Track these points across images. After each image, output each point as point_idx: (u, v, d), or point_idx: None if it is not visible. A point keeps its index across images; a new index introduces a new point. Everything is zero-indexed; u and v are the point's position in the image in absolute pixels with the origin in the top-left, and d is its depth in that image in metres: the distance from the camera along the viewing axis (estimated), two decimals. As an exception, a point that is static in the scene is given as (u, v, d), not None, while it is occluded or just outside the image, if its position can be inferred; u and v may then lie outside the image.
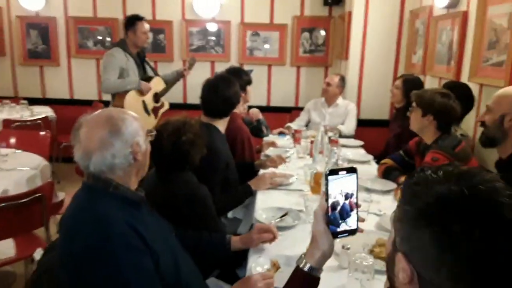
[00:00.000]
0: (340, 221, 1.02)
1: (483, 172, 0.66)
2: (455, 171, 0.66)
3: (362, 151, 3.29)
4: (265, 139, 3.44)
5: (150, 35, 3.98)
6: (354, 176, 1.03)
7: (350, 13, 4.35)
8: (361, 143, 3.50)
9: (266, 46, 5.08)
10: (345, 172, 1.02)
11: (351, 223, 1.03)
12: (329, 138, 2.96)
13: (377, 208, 2.03)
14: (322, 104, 4.13)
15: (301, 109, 4.43)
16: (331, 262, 1.57)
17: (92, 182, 1.30)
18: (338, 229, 1.03)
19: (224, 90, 2.33)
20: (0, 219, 2.08)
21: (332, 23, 4.99)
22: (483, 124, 1.80)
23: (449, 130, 2.22)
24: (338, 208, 1.02)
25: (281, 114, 4.96)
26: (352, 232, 1.04)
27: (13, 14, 5.12)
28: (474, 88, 2.75)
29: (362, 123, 4.23)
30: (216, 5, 4.93)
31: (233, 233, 1.85)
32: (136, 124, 1.34)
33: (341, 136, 3.64)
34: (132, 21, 3.77)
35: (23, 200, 2.14)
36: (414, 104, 2.28)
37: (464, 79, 2.95)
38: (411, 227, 0.67)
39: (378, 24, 4.27)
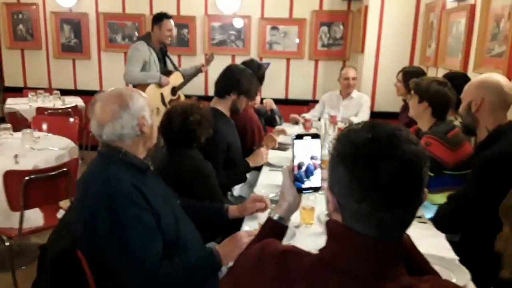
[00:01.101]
0: (305, 179, 1.18)
1: (391, 124, 0.83)
2: (370, 124, 0.83)
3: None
4: (277, 127, 3.60)
5: (175, 31, 4.22)
6: (318, 141, 1.18)
7: (366, 7, 4.45)
8: (370, 132, 3.60)
9: (297, 40, 5.21)
10: (310, 137, 1.18)
11: (314, 181, 1.18)
12: (338, 127, 3.10)
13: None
14: (337, 96, 4.25)
15: (318, 102, 4.56)
16: (316, 229, 1.74)
17: (105, 150, 1.52)
18: (303, 185, 1.18)
19: (234, 71, 2.54)
20: (30, 189, 2.34)
21: (350, 17, 5.09)
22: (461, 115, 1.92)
23: (443, 117, 2.32)
24: (303, 167, 1.17)
25: (299, 107, 5.08)
26: (315, 189, 1.19)
27: (48, 10, 5.48)
28: (478, 78, 2.82)
29: (376, 115, 4.32)
30: (237, 1, 5.13)
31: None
32: (143, 100, 1.54)
33: (352, 126, 3.76)
34: (160, 17, 4.02)
35: (51, 173, 2.40)
36: (412, 91, 2.39)
37: (469, 70, 3.02)
38: (333, 166, 0.85)
39: (394, 17, 4.35)
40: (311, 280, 0.83)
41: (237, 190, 2.65)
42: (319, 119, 4.18)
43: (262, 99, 3.80)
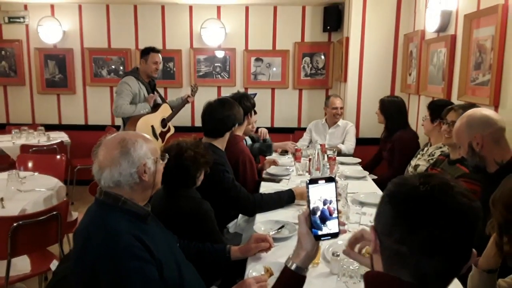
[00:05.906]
0: (322, 225, 1.13)
1: (447, 177, 0.86)
2: (425, 174, 0.87)
3: (359, 168, 3.44)
4: (267, 157, 3.61)
5: (161, 65, 4.25)
6: (332, 184, 1.14)
7: (347, 39, 4.57)
8: (359, 160, 3.66)
9: (273, 70, 5.29)
10: (324, 181, 1.14)
11: (332, 226, 1.13)
12: (327, 155, 3.12)
13: (369, 220, 2.17)
14: (323, 125, 4.32)
15: (303, 129, 4.62)
16: (323, 269, 1.71)
17: (103, 198, 1.46)
18: (320, 232, 1.13)
19: (218, 111, 2.53)
20: (19, 235, 2.24)
21: (331, 48, 5.23)
22: (463, 159, 1.93)
23: None
24: (318, 213, 1.13)
25: (285, 135, 5.11)
26: (334, 235, 1.14)
27: (32, 46, 5.45)
28: (463, 106, 2.90)
29: (361, 142, 4.39)
30: (222, 34, 5.21)
31: (235, 247, 1.99)
32: (146, 147, 1.48)
33: (340, 154, 3.81)
34: (147, 51, 4.06)
35: (40, 218, 2.32)
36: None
37: (453, 98, 3.11)
38: (381, 204, 0.87)
39: (374, 48, 4.48)
40: None
41: (232, 227, 2.62)
42: (308, 146, 4.22)
43: (257, 128, 3.82)
